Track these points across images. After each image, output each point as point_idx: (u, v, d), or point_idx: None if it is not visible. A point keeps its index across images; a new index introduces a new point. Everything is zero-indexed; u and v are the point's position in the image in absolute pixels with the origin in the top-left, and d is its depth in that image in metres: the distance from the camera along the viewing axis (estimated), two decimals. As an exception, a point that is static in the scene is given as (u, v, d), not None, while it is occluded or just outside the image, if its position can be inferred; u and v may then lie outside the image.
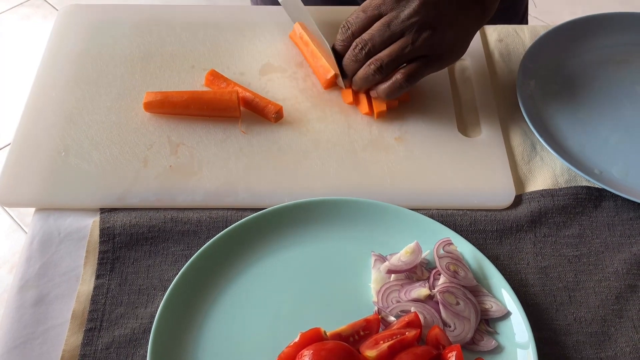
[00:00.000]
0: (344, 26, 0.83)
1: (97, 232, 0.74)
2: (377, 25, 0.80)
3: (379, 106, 0.84)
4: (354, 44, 0.81)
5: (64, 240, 0.74)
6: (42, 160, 0.79)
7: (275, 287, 0.70)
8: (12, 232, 1.92)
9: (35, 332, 0.68)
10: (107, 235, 0.74)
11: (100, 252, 0.73)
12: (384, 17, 0.79)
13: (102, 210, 0.76)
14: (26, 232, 1.88)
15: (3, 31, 2.51)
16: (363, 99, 0.85)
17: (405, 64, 0.81)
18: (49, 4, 2.61)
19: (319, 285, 0.70)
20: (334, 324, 0.65)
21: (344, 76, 0.85)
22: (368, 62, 0.81)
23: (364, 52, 0.80)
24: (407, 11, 0.78)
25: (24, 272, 0.72)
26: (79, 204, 0.76)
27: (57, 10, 2.56)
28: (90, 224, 0.75)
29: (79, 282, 0.71)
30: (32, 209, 0.78)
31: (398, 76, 0.81)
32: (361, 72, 0.82)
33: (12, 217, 1.94)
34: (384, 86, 0.82)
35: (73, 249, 0.74)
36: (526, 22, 1.25)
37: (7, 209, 1.95)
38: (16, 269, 0.73)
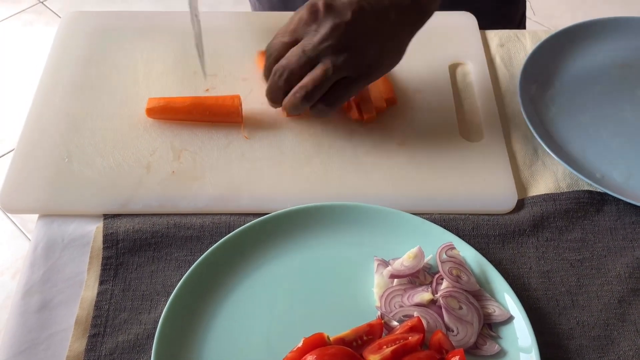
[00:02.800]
0: (266, 51, 0.81)
1: (100, 238, 0.74)
2: (293, 51, 0.78)
3: (368, 111, 0.85)
4: (273, 70, 0.79)
5: (67, 246, 0.74)
6: (45, 167, 0.79)
7: (278, 292, 0.70)
8: (14, 238, 1.93)
9: (39, 338, 0.68)
10: (110, 241, 0.74)
11: (103, 258, 0.73)
12: (300, 43, 0.77)
13: (106, 216, 0.76)
14: (29, 239, 1.89)
15: (6, 37, 2.52)
16: (353, 104, 0.85)
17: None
18: (51, 10, 2.62)
19: (322, 290, 0.71)
20: (337, 328, 0.65)
21: (273, 101, 0.82)
22: (293, 91, 0.78)
23: (282, 78, 0.78)
24: (318, 36, 0.76)
25: (28, 277, 0.72)
26: (82, 210, 0.77)
27: (59, 17, 2.57)
28: (94, 230, 0.75)
29: (83, 287, 0.71)
30: (35, 216, 0.78)
31: (319, 105, 0.79)
32: (289, 101, 0.79)
33: (14, 224, 1.95)
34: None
35: (77, 255, 0.74)
36: (523, 28, 1.25)
37: (10, 215, 1.96)
38: (20, 274, 0.73)
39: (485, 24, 0.99)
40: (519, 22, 1.21)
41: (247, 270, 0.71)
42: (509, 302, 0.69)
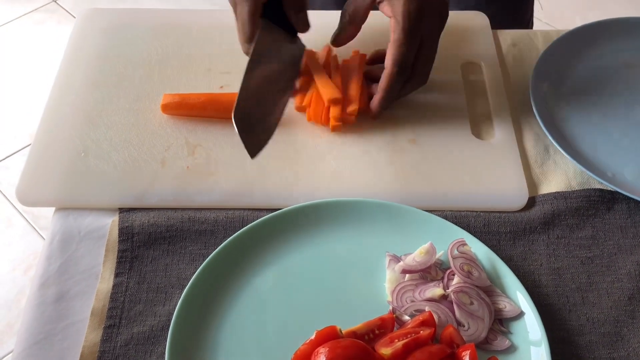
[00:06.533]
0: (401, 67, 0.80)
1: (116, 231, 0.75)
2: (431, 48, 0.82)
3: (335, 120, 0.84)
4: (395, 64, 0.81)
5: (83, 238, 0.75)
6: (62, 161, 0.81)
7: (291, 286, 0.71)
8: (26, 234, 1.94)
9: (56, 329, 0.69)
10: (126, 235, 0.75)
11: (119, 251, 0.74)
12: (430, 40, 0.82)
13: (121, 210, 0.77)
14: (41, 235, 1.90)
15: (18, 36, 2.54)
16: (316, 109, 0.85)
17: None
18: (64, 9, 2.63)
19: (335, 285, 0.71)
20: (350, 322, 0.66)
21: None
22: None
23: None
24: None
25: (44, 269, 0.73)
26: (98, 204, 0.78)
27: (71, 15, 2.59)
28: (110, 223, 0.76)
29: (99, 280, 0.72)
30: (48, 212, 0.79)
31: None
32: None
33: (26, 220, 1.96)
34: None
35: (93, 248, 0.75)
36: (531, 27, 1.26)
37: (22, 211, 1.97)
38: (36, 266, 0.74)
39: (493, 26, 1.00)
40: (526, 25, 1.22)
41: (260, 264, 0.72)
42: (520, 298, 0.69)
